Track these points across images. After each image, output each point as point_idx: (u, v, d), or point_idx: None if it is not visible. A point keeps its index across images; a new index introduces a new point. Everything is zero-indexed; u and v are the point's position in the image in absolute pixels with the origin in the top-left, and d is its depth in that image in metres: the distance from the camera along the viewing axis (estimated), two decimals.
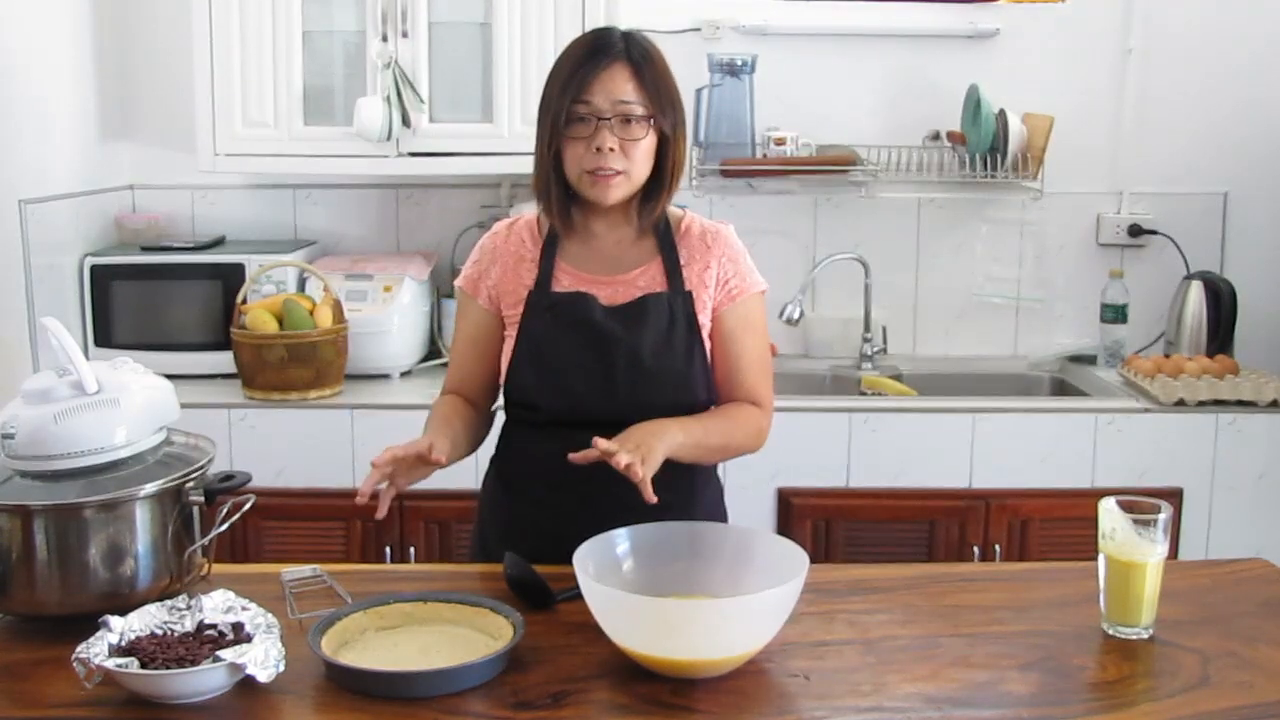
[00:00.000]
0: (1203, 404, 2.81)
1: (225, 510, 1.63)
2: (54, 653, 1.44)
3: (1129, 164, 3.30)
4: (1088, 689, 1.43)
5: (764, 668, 1.45)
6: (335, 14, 2.93)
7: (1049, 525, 2.79)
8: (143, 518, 1.55)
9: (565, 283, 1.84)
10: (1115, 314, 3.24)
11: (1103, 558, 1.55)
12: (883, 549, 2.77)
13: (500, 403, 1.93)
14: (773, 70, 3.18)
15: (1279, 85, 3.28)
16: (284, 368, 2.76)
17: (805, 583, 1.43)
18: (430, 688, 1.37)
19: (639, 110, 1.75)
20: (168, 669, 1.34)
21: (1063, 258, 3.35)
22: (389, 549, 2.77)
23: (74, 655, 1.35)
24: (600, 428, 1.65)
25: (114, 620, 1.42)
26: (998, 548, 2.78)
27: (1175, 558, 2.66)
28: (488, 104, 2.95)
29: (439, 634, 1.51)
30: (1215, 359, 3.00)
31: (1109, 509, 1.54)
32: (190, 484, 1.60)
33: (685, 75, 1.97)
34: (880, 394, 3.06)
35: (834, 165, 3.15)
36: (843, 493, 2.79)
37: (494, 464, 1.95)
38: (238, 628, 1.44)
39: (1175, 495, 2.78)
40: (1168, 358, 3.05)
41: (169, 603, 1.48)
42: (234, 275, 2.95)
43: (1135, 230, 3.31)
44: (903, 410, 2.83)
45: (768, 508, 2.78)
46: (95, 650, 1.36)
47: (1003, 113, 3.12)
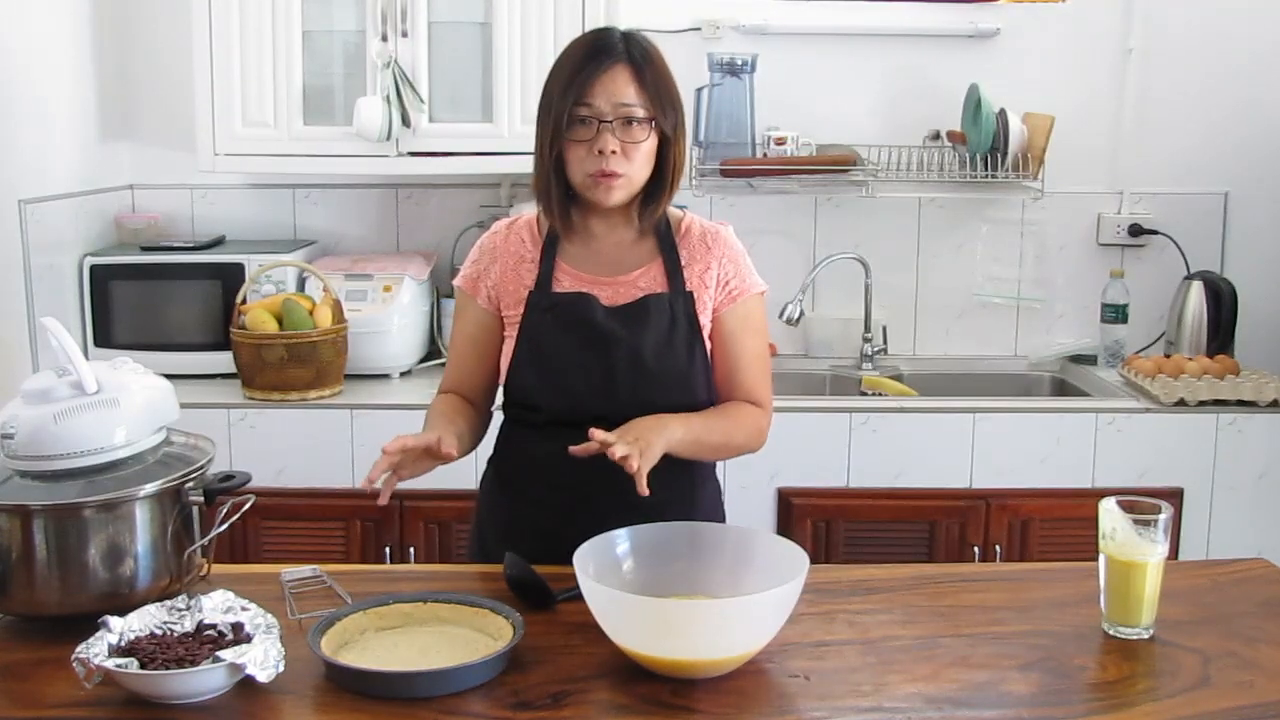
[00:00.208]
0: (1203, 404, 2.81)
1: (225, 510, 1.62)
2: (54, 653, 1.44)
3: (1129, 164, 3.30)
4: (1088, 689, 1.43)
5: (764, 668, 1.44)
6: (335, 14, 2.93)
7: (1049, 525, 2.79)
8: (142, 518, 1.55)
9: (565, 283, 1.84)
10: (1115, 314, 3.24)
11: (1103, 558, 1.55)
12: (883, 549, 2.77)
13: (499, 403, 1.93)
14: (773, 70, 3.18)
15: (1279, 85, 3.28)
16: (284, 368, 2.76)
17: (805, 583, 1.43)
18: (430, 688, 1.37)
19: (640, 112, 1.75)
20: (167, 669, 1.34)
21: (1063, 258, 3.35)
22: (389, 549, 2.77)
23: (74, 655, 1.35)
24: (600, 428, 1.65)
25: (114, 620, 1.41)
26: (998, 548, 2.78)
27: (1175, 558, 2.66)
28: (487, 104, 2.95)
29: (439, 634, 1.51)
30: (1216, 359, 2.99)
31: (1109, 509, 1.54)
32: (190, 484, 1.60)
33: (685, 75, 1.97)
34: (880, 394, 3.06)
35: (834, 165, 3.14)
36: (843, 493, 2.79)
37: (493, 464, 1.95)
38: (237, 628, 1.44)
39: (1175, 495, 2.78)
40: (1168, 358, 3.05)
41: (169, 603, 1.48)
42: (234, 275, 2.95)
43: (1136, 230, 3.31)
44: (903, 410, 2.83)
45: (768, 508, 2.78)
46: (95, 650, 1.36)
47: (1003, 112, 3.12)
